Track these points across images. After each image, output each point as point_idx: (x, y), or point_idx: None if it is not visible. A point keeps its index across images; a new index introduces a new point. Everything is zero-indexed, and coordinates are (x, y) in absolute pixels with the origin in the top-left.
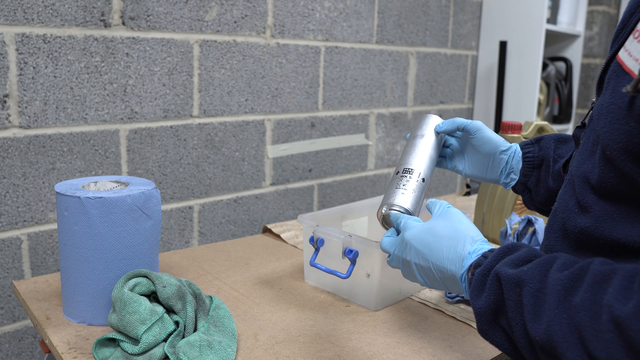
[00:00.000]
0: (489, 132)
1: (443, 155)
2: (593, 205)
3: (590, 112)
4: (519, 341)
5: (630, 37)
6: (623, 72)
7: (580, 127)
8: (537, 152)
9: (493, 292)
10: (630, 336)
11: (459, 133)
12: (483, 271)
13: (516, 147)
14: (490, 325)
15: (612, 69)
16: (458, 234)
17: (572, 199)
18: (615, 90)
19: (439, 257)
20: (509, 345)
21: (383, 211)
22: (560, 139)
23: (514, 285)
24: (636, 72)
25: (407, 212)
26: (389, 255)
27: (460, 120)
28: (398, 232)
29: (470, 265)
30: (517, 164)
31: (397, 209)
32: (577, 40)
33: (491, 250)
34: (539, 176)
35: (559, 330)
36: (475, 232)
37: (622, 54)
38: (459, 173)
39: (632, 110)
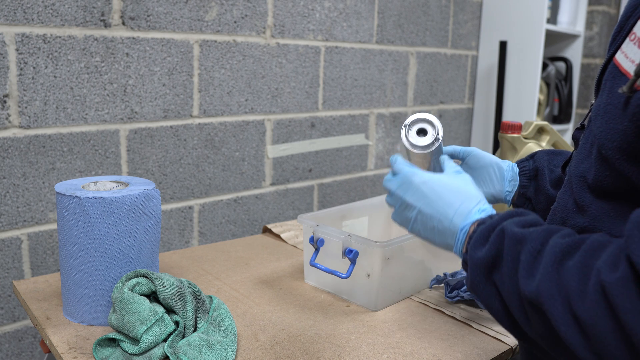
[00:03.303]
0: (482, 152)
1: None
2: (590, 205)
3: (589, 113)
4: (507, 296)
5: (627, 40)
6: (620, 74)
7: (580, 129)
8: (531, 165)
9: (495, 246)
10: (613, 302)
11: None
12: (488, 227)
13: (511, 162)
14: (484, 278)
15: (609, 70)
16: (469, 192)
17: (570, 198)
18: (611, 91)
19: (446, 207)
20: (495, 300)
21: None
22: (553, 152)
23: (517, 242)
24: (632, 73)
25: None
26: (389, 194)
27: (453, 148)
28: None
29: (475, 222)
30: (516, 174)
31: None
32: (577, 40)
33: (497, 214)
34: (537, 186)
35: (548, 288)
36: (483, 197)
37: (619, 56)
38: None
39: (626, 110)
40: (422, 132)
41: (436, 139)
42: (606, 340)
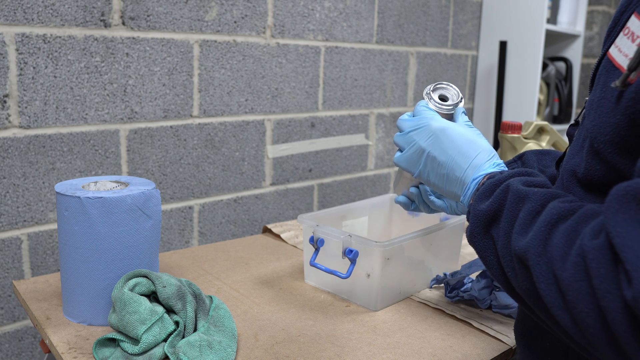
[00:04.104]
0: None
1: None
2: (580, 199)
3: (584, 110)
4: (501, 250)
5: (621, 34)
6: (613, 68)
7: (574, 125)
8: (520, 166)
9: (498, 201)
10: (589, 266)
11: None
12: (496, 181)
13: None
14: (482, 229)
15: (603, 65)
16: (484, 145)
17: None
18: (605, 86)
19: (461, 157)
20: (490, 253)
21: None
22: (541, 152)
23: (519, 199)
24: (625, 68)
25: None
26: (401, 133)
27: None
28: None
29: (486, 175)
30: None
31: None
32: (577, 40)
33: (508, 170)
34: None
35: (536, 246)
36: (497, 155)
37: (613, 51)
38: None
39: (619, 103)
40: (443, 98)
41: (460, 99)
42: (579, 301)
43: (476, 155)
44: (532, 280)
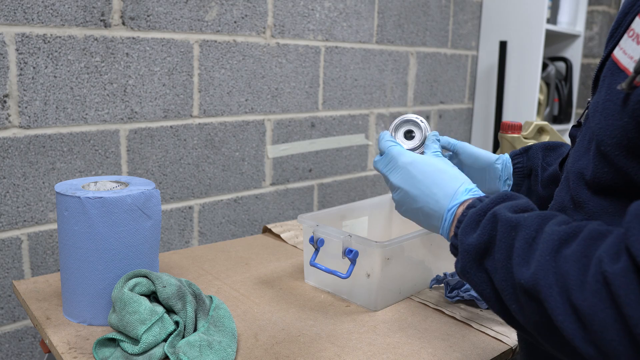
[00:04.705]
0: (475, 148)
1: None
2: (587, 201)
3: (586, 111)
4: (500, 283)
5: (625, 36)
6: (618, 70)
7: (577, 126)
8: (525, 162)
9: (487, 232)
10: (615, 293)
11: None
12: (479, 211)
13: (507, 156)
14: (475, 264)
15: (607, 67)
16: (456, 174)
17: (567, 195)
18: (610, 88)
19: (433, 187)
20: (486, 287)
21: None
22: (548, 146)
23: (510, 228)
24: (631, 70)
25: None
26: (379, 172)
27: (447, 140)
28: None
29: (462, 203)
30: (510, 174)
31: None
32: (577, 40)
33: (486, 196)
34: (530, 185)
35: (546, 277)
36: (466, 177)
37: (617, 52)
38: None
39: (626, 106)
40: (409, 133)
41: (422, 142)
42: (606, 331)
43: (446, 184)
44: (544, 313)
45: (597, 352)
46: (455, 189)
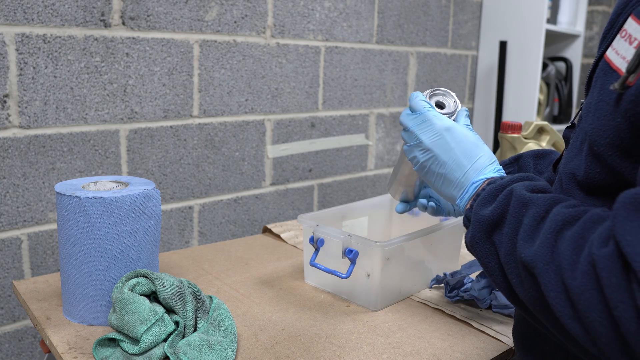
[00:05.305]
0: None
1: (437, 204)
2: (580, 202)
3: (580, 112)
4: (504, 257)
5: (618, 37)
6: (611, 70)
7: (570, 128)
8: (516, 171)
9: (501, 206)
10: (599, 275)
11: None
12: (498, 187)
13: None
14: (484, 235)
15: (600, 67)
16: (489, 152)
17: None
18: (603, 88)
19: (463, 159)
20: (491, 259)
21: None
22: (538, 154)
23: (522, 205)
24: (623, 70)
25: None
26: (406, 129)
27: None
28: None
29: (485, 180)
30: None
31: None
32: (577, 40)
33: (508, 176)
34: None
35: (544, 255)
36: (498, 161)
37: (610, 53)
38: (454, 212)
39: (618, 106)
40: (439, 105)
41: (453, 114)
42: (590, 310)
43: (478, 158)
44: (539, 289)
45: (582, 331)
46: (485, 165)
